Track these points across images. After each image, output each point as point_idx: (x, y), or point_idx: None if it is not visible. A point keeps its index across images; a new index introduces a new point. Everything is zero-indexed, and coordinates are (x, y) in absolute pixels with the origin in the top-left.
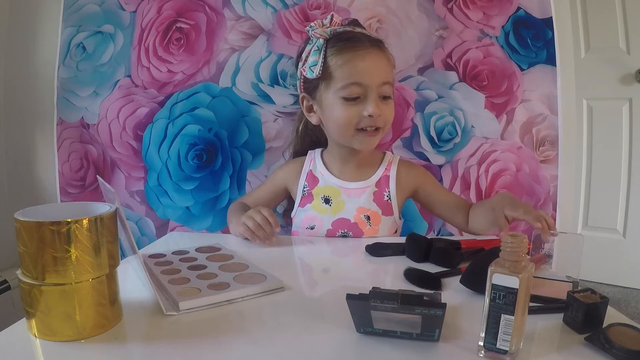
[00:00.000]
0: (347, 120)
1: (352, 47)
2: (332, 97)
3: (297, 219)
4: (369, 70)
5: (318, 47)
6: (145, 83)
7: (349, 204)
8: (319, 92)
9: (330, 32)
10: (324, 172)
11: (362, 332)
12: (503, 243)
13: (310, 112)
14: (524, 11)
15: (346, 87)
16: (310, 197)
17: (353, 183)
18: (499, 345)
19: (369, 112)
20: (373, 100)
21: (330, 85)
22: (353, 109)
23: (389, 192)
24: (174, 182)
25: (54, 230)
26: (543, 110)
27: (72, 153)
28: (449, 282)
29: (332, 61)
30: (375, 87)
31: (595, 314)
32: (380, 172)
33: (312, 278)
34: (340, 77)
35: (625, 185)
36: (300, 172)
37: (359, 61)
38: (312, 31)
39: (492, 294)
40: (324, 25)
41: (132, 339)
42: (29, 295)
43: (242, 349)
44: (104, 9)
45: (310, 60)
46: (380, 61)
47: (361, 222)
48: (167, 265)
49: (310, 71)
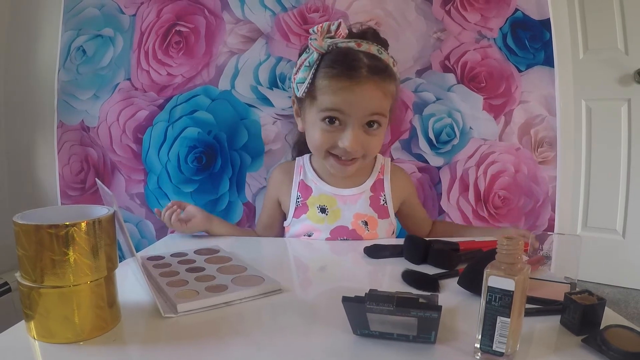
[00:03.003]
0: (320, 144)
1: (343, 77)
2: (314, 117)
3: (293, 229)
4: (356, 102)
5: (309, 64)
6: (145, 86)
7: (345, 212)
8: (304, 105)
9: (329, 47)
10: (316, 180)
11: (359, 334)
12: (499, 245)
13: (298, 117)
14: (522, 13)
15: (326, 111)
16: (305, 208)
17: (347, 190)
18: (495, 347)
19: (344, 145)
20: (352, 132)
21: (313, 105)
22: (329, 135)
23: (384, 195)
24: (173, 184)
25: (52, 234)
26: (541, 111)
27: (73, 156)
28: (446, 284)
29: (319, 83)
30: (359, 118)
31: (592, 316)
32: (374, 176)
33: (310, 280)
34: (322, 102)
35: (624, 186)
36: (290, 182)
37: (346, 93)
38: (310, 41)
39: (488, 296)
40: (328, 34)
41: (130, 341)
42: (28, 298)
43: (240, 350)
44: (104, 13)
45: (299, 75)
46: (372, 94)
47: (359, 228)
48: (166, 268)
49: (296, 88)
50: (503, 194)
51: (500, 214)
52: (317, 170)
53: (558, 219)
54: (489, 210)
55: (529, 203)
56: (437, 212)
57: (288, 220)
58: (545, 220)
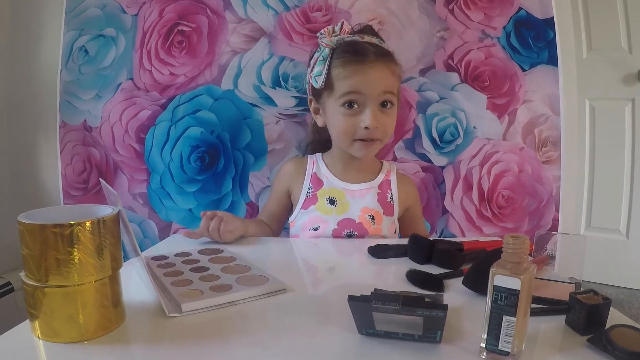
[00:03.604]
0: (344, 130)
1: (355, 61)
2: (334, 106)
3: (299, 222)
4: (369, 81)
5: (323, 57)
6: (147, 86)
7: (353, 205)
8: (323, 98)
9: (337, 42)
10: (328, 174)
11: (364, 334)
12: (505, 244)
13: (317, 115)
14: (525, 11)
15: (344, 95)
16: (315, 199)
17: (357, 185)
18: (500, 347)
19: (365, 124)
20: (371, 111)
21: (332, 94)
22: (351, 120)
23: (391, 193)
24: (176, 184)
25: (57, 233)
26: (545, 110)
27: (75, 156)
28: (451, 284)
29: (335, 72)
30: (375, 97)
31: (597, 316)
32: (381, 177)
33: (314, 279)
34: (340, 88)
35: (628, 186)
36: (303, 173)
37: (360, 75)
38: (320, 40)
39: (494, 295)
40: (334, 33)
41: (134, 341)
42: (33, 297)
43: (244, 350)
44: (106, 13)
45: (315, 69)
46: (382, 73)
47: (366, 221)
48: (170, 267)
49: (314, 81)
50: (507, 194)
51: (504, 213)
52: (329, 165)
53: (562, 219)
54: (493, 210)
55: (532, 203)
56: (440, 212)
57: (294, 214)
58: (549, 220)
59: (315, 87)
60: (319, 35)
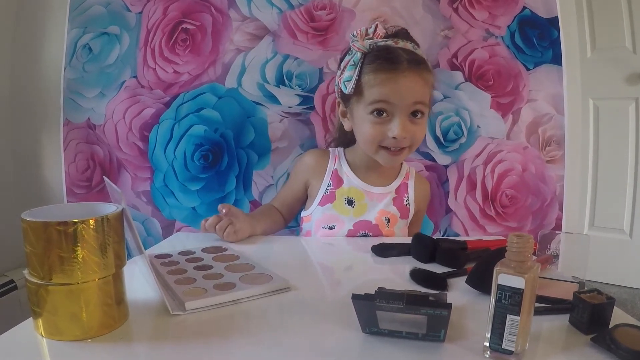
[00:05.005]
0: (372, 137)
1: (387, 69)
2: (362, 112)
3: (314, 217)
4: (400, 91)
5: (354, 62)
6: (151, 84)
7: (371, 207)
8: (351, 103)
9: (370, 46)
10: (349, 173)
11: (368, 332)
12: (509, 243)
13: (344, 118)
14: (530, 11)
15: (374, 103)
16: (332, 197)
17: (376, 188)
18: (504, 346)
19: (393, 134)
20: (400, 121)
21: (361, 100)
22: (379, 128)
23: (407, 197)
24: (180, 182)
25: (60, 231)
26: (549, 110)
27: (79, 154)
28: (454, 283)
29: (365, 78)
30: (405, 107)
31: (601, 315)
32: (399, 180)
33: (318, 278)
34: (370, 95)
35: (631, 185)
36: (325, 167)
37: (391, 83)
38: (352, 43)
39: (498, 294)
40: (367, 36)
41: (138, 339)
42: (36, 295)
43: (247, 349)
44: (110, 11)
45: (345, 74)
46: (415, 82)
47: (382, 223)
48: (173, 266)
49: (344, 86)
50: (510, 193)
51: (508, 212)
52: (351, 164)
53: (565, 218)
54: (497, 209)
55: (536, 202)
56: (444, 210)
57: (310, 209)
58: (552, 219)
59: (344, 92)
60: (351, 38)
